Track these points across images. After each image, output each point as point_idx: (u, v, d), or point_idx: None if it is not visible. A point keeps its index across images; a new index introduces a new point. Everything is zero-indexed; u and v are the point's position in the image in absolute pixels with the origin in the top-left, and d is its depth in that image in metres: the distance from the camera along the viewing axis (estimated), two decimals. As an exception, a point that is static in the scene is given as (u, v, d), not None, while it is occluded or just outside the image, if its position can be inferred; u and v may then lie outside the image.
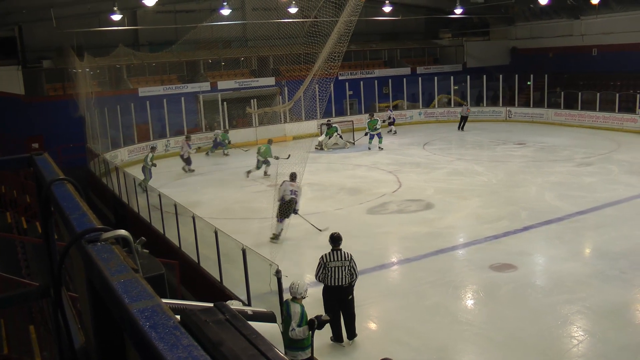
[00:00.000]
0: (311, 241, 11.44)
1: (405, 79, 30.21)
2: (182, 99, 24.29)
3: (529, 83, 28.66)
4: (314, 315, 6.43)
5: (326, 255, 7.53)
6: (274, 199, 12.02)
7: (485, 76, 29.27)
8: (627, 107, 24.57)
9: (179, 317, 0.96)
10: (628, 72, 26.90)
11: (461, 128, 26.57)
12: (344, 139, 23.79)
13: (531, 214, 12.85)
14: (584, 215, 12.67)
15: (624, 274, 9.30)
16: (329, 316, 6.65)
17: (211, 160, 22.39)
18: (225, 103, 25.48)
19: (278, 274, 7.38)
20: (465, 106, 27.70)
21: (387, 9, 28.38)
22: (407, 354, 7.28)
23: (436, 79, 29.99)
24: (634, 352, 7.11)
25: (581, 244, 11.44)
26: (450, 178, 17.13)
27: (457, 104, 29.75)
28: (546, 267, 10.33)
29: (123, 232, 1.28)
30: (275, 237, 11.73)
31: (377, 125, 22.64)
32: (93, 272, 1.10)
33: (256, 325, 1.09)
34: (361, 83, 29.38)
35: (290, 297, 6.61)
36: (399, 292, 9.38)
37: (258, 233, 12.11)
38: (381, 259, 10.72)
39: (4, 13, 23.08)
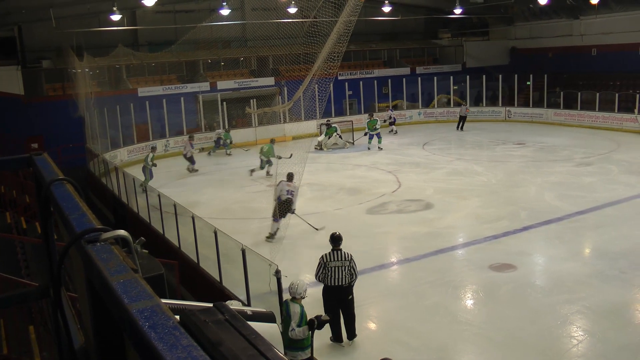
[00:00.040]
0: (311, 241, 11.44)
1: (404, 79, 30.23)
2: (182, 99, 24.28)
3: (528, 83, 28.67)
4: (313, 316, 6.43)
5: (326, 255, 7.53)
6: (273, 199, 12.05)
7: (484, 76, 29.30)
8: (627, 107, 24.58)
9: (178, 317, 0.97)
10: (627, 72, 26.92)
11: (460, 128, 26.57)
12: (343, 139, 23.79)
13: (531, 214, 12.86)
14: (584, 215, 12.68)
15: (623, 273, 9.31)
16: (328, 316, 6.66)
17: (213, 160, 22.37)
18: (224, 103, 25.46)
19: (278, 274, 7.37)
20: (464, 106, 27.71)
21: (386, 9, 28.40)
22: (406, 354, 7.28)
23: (435, 79, 30.00)
24: (633, 352, 7.12)
25: (581, 243, 11.45)
26: (449, 178, 17.13)
27: (457, 104, 29.76)
28: (546, 267, 10.33)
29: (122, 232, 1.28)
30: (271, 236, 11.78)
31: (376, 125, 22.64)
32: (92, 272, 1.10)
33: (255, 326, 1.09)
34: (360, 83, 29.38)
35: (289, 297, 6.61)
36: (398, 292, 9.39)
37: (258, 233, 12.10)
38: (381, 259, 10.72)
39: (3, 13, 23.08)
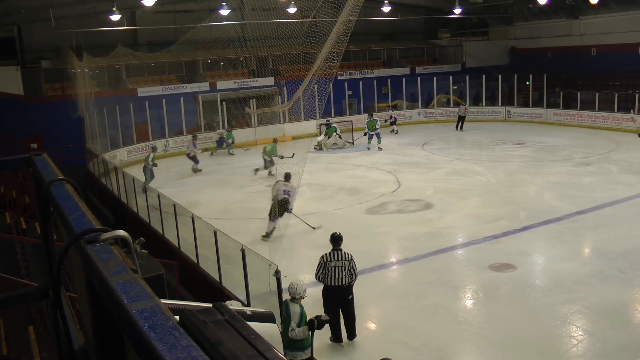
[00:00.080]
0: (310, 241, 11.44)
1: (404, 79, 30.25)
2: (181, 99, 24.28)
3: (528, 83, 28.68)
4: (313, 316, 6.43)
5: (326, 254, 7.53)
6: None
7: (484, 76, 29.30)
8: (626, 107, 24.59)
9: (177, 317, 0.97)
10: (627, 72, 26.93)
11: (460, 128, 26.57)
12: (343, 139, 23.79)
13: (530, 213, 12.86)
14: (583, 215, 12.68)
15: (623, 273, 9.31)
16: (328, 316, 6.66)
17: (215, 160, 22.34)
18: (224, 103, 25.46)
19: (277, 274, 7.37)
20: (462, 106, 27.69)
21: (386, 9, 28.40)
22: (406, 354, 7.28)
23: (435, 79, 30.00)
24: (633, 351, 7.12)
25: (580, 243, 11.45)
26: (449, 178, 17.13)
27: (456, 104, 29.76)
28: (545, 267, 10.34)
29: (122, 232, 1.28)
30: (267, 235, 11.85)
31: (376, 125, 22.64)
32: (92, 272, 1.10)
33: (255, 326, 1.09)
34: (360, 83, 29.39)
35: (289, 298, 6.61)
36: (398, 292, 9.39)
37: (257, 233, 12.09)
38: (380, 259, 10.72)
39: (3, 13, 23.07)
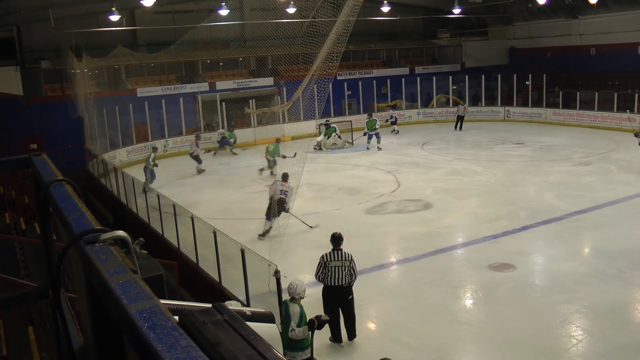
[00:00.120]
0: (310, 241, 11.44)
1: (403, 79, 30.24)
2: (181, 99, 24.26)
3: (527, 83, 28.68)
4: (313, 316, 6.43)
5: (327, 254, 7.53)
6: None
7: (483, 76, 29.30)
8: (626, 107, 24.61)
9: (177, 318, 0.97)
10: (626, 72, 26.94)
11: (459, 128, 26.56)
12: (342, 139, 23.79)
13: (530, 213, 12.87)
14: (583, 215, 12.69)
15: (622, 273, 9.31)
16: (328, 316, 6.66)
17: (215, 160, 22.33)
18: (223, 103, 25.45)
19: (277, 274, 7.37)
20: (461, 105, 27.68)
21: (385, 9, 28.42)
22: (406, 354, 7.28)
23: (434, 78, 30.02)
24: (633, 351, 7.12)
25: (580, 243, 11.46)
26: (448, 178, 17.13)
27: (455, 104, 29.76)
28: (545, 266, 10.34)
29: (121, 233, 1.28)
30: (263, 234, 11.93)
31: (375, 125, 22.64)
32: (91, 273, 1.10)
33: (255, 326, 1.09)
34: (359, 83, 29.39)
35: (288, 298, 6.61)
36: (398, 292, 9.39)
37: (257, 233, 12.10)
38: (380, 259, 10.72)
39: (2, 14, 23.05)
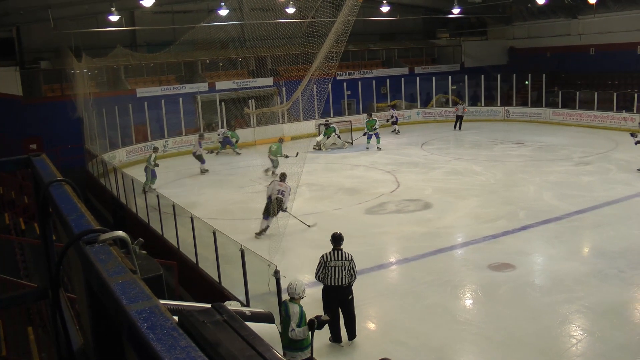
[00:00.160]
0: (310, 241, 11.45)
1: (403, 79, 30.25)
2: (180, 99, 24.24)
3: (526, 82, 28.69)
4: (313, 316, 6.43)
5: (327, 254, 7.53)
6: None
7: (482, 76, 29.30)
8: (625, 107, 24.63)
9: (176, 318, 0.97)
10: (626, 72, 26.96)
11: (458, 128, 26.56)
12: (342, 139, 23.79)
13: (529, 213, 12.87)
14: (582, 215, 12.69)
15: (622, 273, 9.32)
16: (328, 316, 6.66)
17: (216, 160, 22.30)
18: (223, 103, 25.44)
19: (277, 274, 7.37)
20: (461, 105, 27.68)
21: (384, 9, 28.40)
22: (405, 354, 7.28)
23: (434, 78, 30.02)
24: (632, 351, 7.12)
25: (579, 243, 11.47)
26: (448, 178, 17.14)
27: (455, 104, 29.75)
28: (545, 266, 10.34)
29: (121, 233, 1.28)
30: (260, 233, 11.97)
31: (375, 125, 22.65)
32: (91, 273, 1.10)
33: (254, 326, 1.09)
34: (359, 83, 29.37)
35: (288, 298, 6.61)
36: (397, 292, 9.39)
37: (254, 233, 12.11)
38: (379, 259, 10.73)
39: (1, 14, 23.01)
